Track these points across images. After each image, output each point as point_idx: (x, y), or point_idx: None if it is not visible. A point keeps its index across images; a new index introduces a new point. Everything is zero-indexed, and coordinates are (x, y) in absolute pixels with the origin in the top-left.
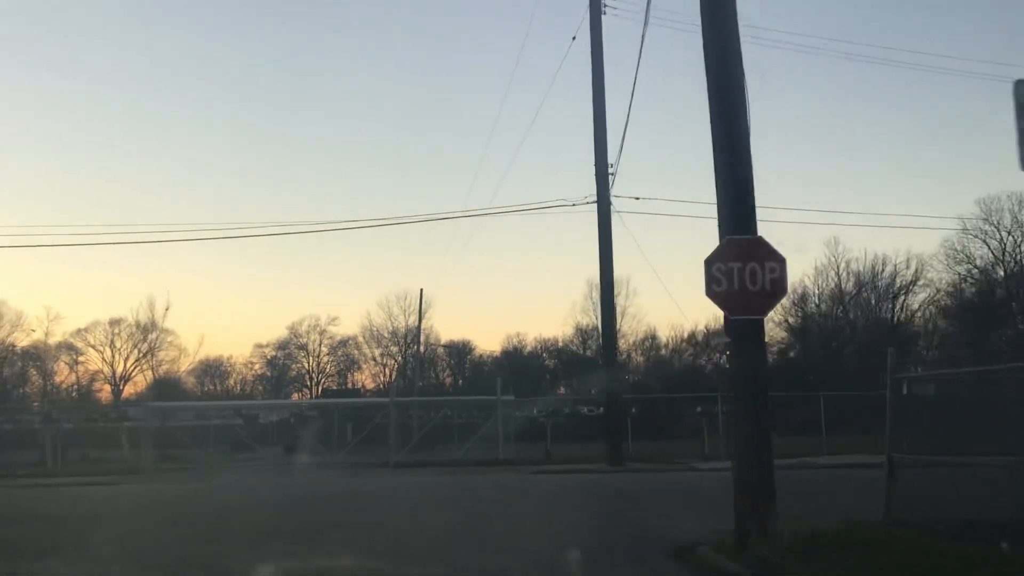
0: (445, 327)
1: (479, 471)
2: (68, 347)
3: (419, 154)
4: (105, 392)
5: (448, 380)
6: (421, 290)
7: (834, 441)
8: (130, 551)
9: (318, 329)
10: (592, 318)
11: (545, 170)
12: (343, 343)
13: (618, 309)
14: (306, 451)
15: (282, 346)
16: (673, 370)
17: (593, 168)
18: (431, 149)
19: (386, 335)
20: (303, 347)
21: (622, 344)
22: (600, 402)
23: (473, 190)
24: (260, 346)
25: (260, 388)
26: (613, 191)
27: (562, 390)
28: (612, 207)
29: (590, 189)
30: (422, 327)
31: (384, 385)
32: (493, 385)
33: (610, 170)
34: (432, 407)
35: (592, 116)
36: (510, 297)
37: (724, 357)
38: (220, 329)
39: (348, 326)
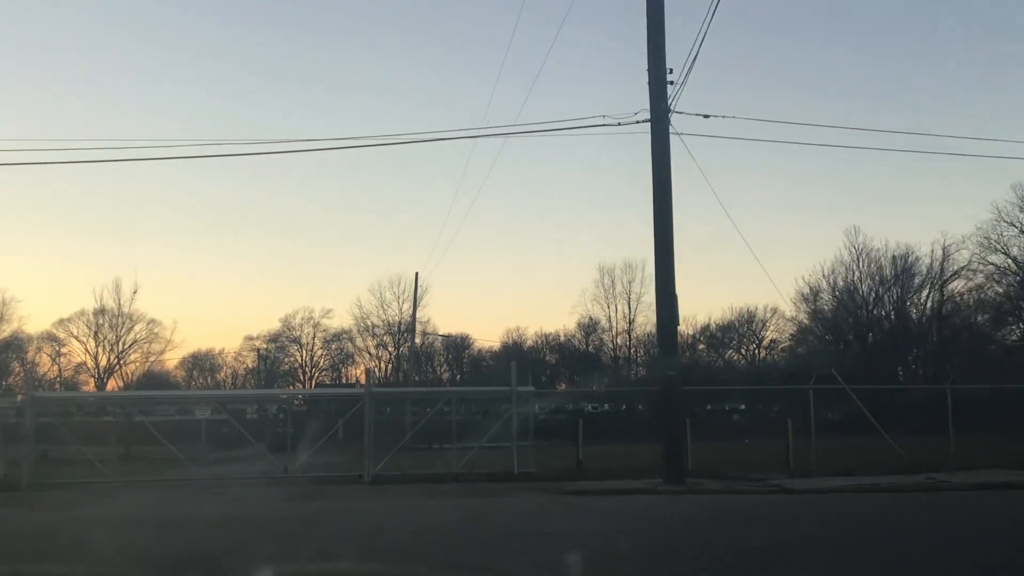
0: (443, 321)
1: (490, 491)
2: (50, 338)
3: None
4: (90, 386)
5: (445, 375)
6: (416, 273)
7: (962, 447)
8: None
9: (312, 322)
10: (603, 306)
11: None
12: (337, 336)
13: (632, 296)
14: (279, 452)
15: (274, 339)
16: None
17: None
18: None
19: (379, 323)
20: (296, 340)
21: (632, 337)
22: (647, 396)
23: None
24: (251, 339)
25: (251, 383)
26: (675, 110)
27: (563, 386)
28: (671, 127)
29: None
30: (417, 317)
31: (381, 381)
32: (494, 380)
33: (669, 77)
34: (428, 401)
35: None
36: (511, 287)
37: None
38: (210, 321)
39: (343, 319)
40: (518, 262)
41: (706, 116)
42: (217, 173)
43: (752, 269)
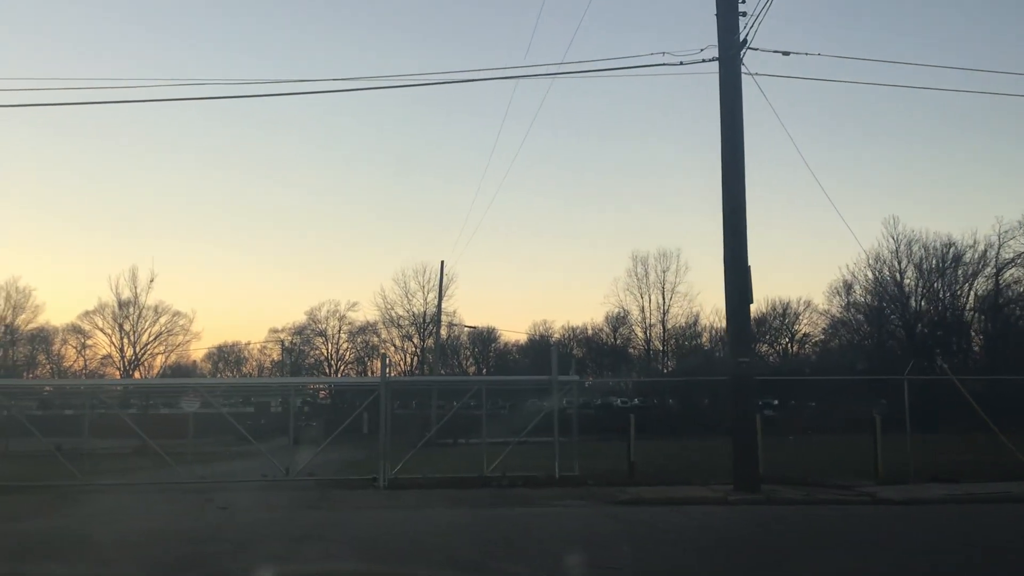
0: (468, 313)
1: (527, 499)
2: (75, 330)
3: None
4: (115, 378)
5: (471, 369)
6: (442, 262)
7: None
8: None
9: (337, 315)
10: (636, 296)
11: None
12: (362, 329)
13: (667, 287)
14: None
15: (299, 331)
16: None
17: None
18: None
19: (403, 314)
20: (321, 333)
21: (666, 329)
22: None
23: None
24: (276, 331)
25: (276, 375)
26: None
27: (590, 379)
28: (743, 67)
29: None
30: (443, 308)
31: (406, 374)
32: (521, 373)
33: (741, 7)
34: (454, 393)
35: None
36: (539, 279)
37: None
38: (236, 313)
39: (368, 311)
40: (546, 253)
41: (786, 53)
42: (241, 163)
43: (789, 257)
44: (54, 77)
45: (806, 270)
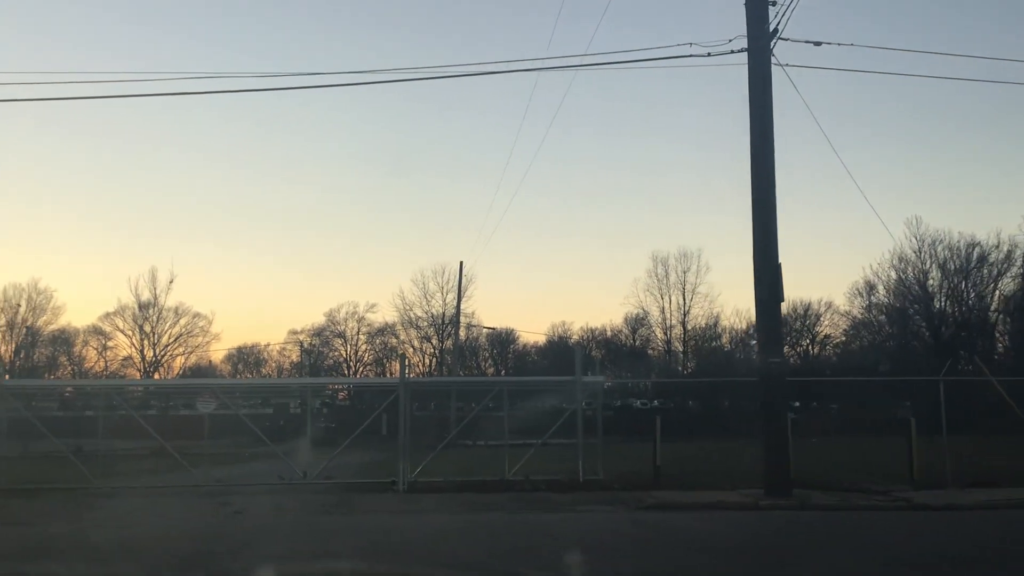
0: (487, 314)
1: (551, 503)
2: (96, 331)
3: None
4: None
5: (490, 371)
6: (461, 263)
7: None
8: None
9: (356, 316)
10: (656, 297)
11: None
12: (381, 331)
13: (687, 287)
14: (311, 448)
15: (318, 333)
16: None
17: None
18: None
19: (422, 315)
20: (340, 334)
21: (686, 330)
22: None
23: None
24: (295, 332)
25: (295, 376)
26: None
27: (609, 380)
28: (773, 58)
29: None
30: (462, 309)
31: (424, 375)
32: (540, 374)
33: None
34: (473, 394)
35: None
36: (558, 280)
37: None
38: (256, 314)
39: (387, 313)
40: (565, 254)
41: (817, 44)
42: (260, 163)
43: (809, 258)
44: (67, 71)
45: (827, 271)
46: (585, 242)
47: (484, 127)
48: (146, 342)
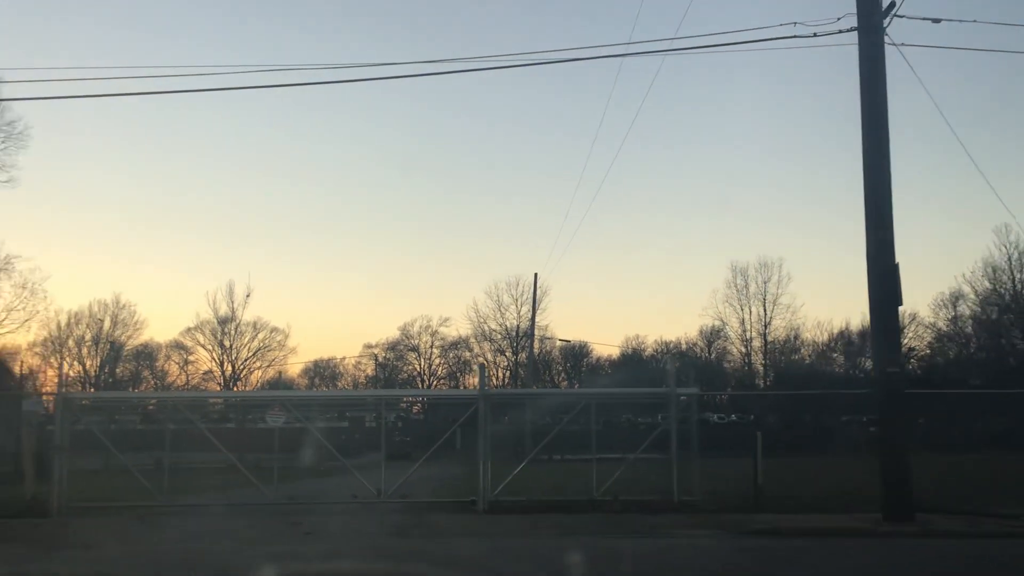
0: (560, 327)
1: (645, 527)
2: (178, 346)
3: None
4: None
5: (563, 385)
6: (535, 275)
7: None
8: None
9: (429, 330)
10: (736, 308)
11: None
12: (454, 344)
13: (768, 298)
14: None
15: (392, 347)
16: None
17: None
18: None
19: (496, 327)
20: (414, 348)
21: (768, 341)
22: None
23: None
24: (370, 347)
25: (370, 390)
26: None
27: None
28: (886, 37)
29: None
30: (536, 322)
31: (498, 388)
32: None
33: None
34: (552, 406)
35: None
36: (632, 292)
37: None
38: (331, 328)
39: (460, 326)
40: (639, 265)
41: (936, 20)
42: (333, 178)
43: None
44: (160, 73)
45: (911, 280)
46: (660, 252)
47: (559, 137)
48: (225, 357)
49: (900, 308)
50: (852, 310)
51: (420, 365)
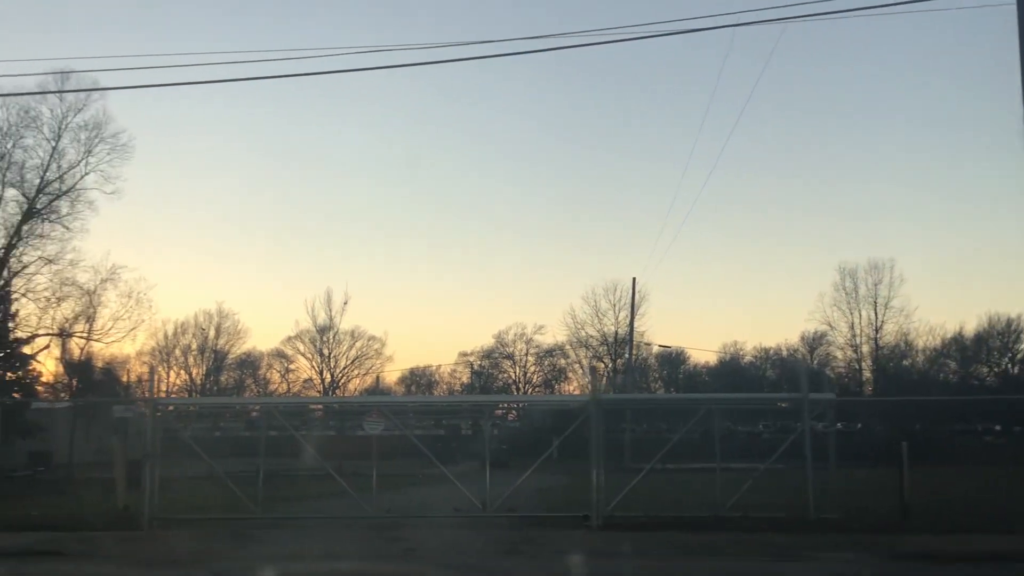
0: (657, 333)
1: (780, 548)
2: (279, 355)
3: None
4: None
5: (660, 391)
6: (634, 279)
7: None
8: None
9: (524, 338)
10: (844, 312)
11: None
12: (550, 352)
13: (879, 301)
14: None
15: (487, 355)
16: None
17: None
18: None
19: (594, 333)
20: (509, 356)
21: (879, 346)
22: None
23: None
24: (465, 355)
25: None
26: None
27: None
28: None
29: None
30: (635, 327)
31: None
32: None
33: None
34: (661, 412)
35: None
36: (730, 296)
37: None
38: (427, 337)
39: (555, 333)
40: (739, 269)
41: None
42: (428, 186)
43: (1007, 266)
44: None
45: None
46: (761, 255)
47: (656, 141)
48: (324, 365)
49: None
50: (967, 313)
51: (515, 373)
